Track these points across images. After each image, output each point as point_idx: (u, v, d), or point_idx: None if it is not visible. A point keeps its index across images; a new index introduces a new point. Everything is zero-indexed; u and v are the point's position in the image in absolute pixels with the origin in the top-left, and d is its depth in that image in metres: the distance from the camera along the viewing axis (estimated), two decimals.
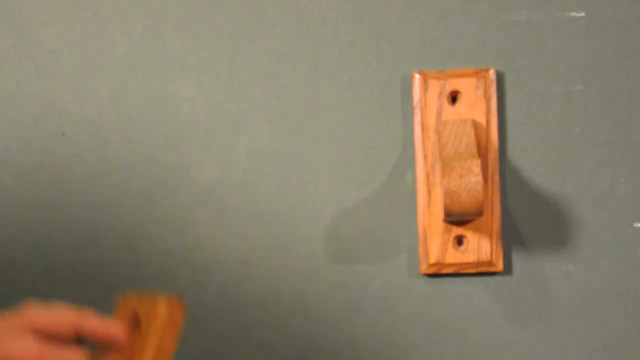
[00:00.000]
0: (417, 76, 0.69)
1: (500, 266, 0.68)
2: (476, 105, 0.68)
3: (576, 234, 0.69)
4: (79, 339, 0.60)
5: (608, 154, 0.69)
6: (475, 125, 0.68)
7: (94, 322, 0.60)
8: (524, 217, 0.70)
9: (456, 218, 0.64)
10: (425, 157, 0.69)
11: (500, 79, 0.69)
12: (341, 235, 0.70)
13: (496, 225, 0.68)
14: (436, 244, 0.68)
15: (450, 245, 0.68)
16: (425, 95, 0.69)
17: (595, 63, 0.69)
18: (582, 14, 0.69)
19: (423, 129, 0.69)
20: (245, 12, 0.71)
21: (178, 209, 0.71)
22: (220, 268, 0.70)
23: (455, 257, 0.68)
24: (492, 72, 0.68)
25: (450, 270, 0.69)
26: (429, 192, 0.69)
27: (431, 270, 0.69)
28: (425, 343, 0.70)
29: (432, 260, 0.68)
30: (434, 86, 0.69)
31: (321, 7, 0.70)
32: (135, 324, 0.62)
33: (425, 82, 0.69)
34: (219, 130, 0.71)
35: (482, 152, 0.68)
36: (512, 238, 0.70)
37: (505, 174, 0.70)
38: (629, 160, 0.69)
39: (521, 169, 0.70)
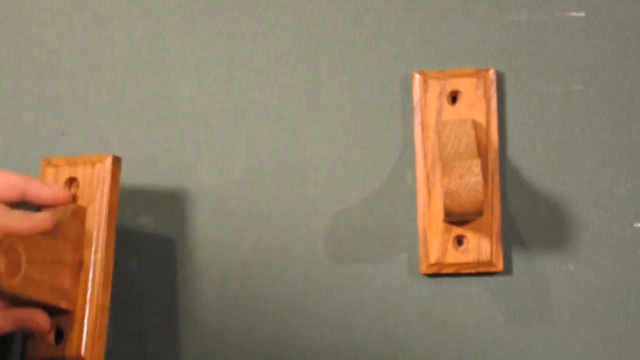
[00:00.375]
0: (417, 76, 0.69)
1: (500, 266, 0.68)
2: (476, 105, 0.68)
3: (576, 234, 0.69)
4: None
5: (608, 154, 0.69)
6: (475, 125, 0.68)
7: (38, 185, 0.62)
8: (524, 217, 0.70)
9: (456, 218, 0.64)
10: (425, 157, 0.69)
11: (500, 79, 0.69)
12: (341, 235, 0.70)
13: (496, 225, 0.68)
14: (436, 244, 0.68)
15: (450, 245, 0.68)
16: (425, 95, 0.69)
17: (595, 63, 0.69)
18: (582, 14, 0.69)
19: (423, 129, 0.69)
20: (245, 12, 0.71)
21: (178, 209, 0.71)
22: (220, 268, 0.70)
23: (455, 257, 0.68)
24: (492, 72, 0.69)
25: (450, 270, 0.69)
26: (429, 192, 0.69)
27: (431, 270, 0.69)
28: (425, 343, 0.70)
29: (432, 260, 0.68)
30: (434, 86, 0.69)
31: (321, 7, 0.70)
32: (71, 187, 0.65)
33: (425, 82, 0.69)
34: (219, 130, 0.71)
35: (482, 152, 0.68)
36: (512, 238, 0.70)
37: (505, 174, 0.70)
38: (629, 160, 0.69)
39: (521, 169, 0.70)
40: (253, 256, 0.70)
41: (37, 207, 0.65)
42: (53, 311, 0.63)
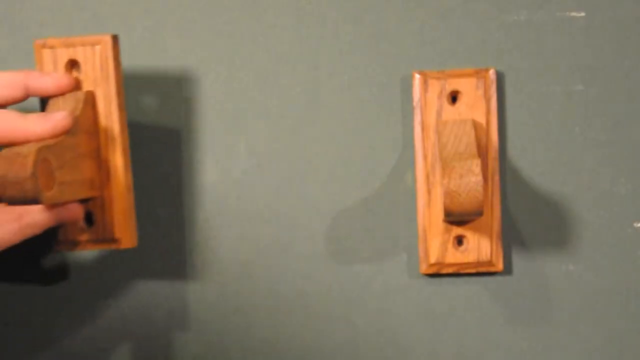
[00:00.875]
0: (417, 76, 0.69)
1: (500, 266, 0.68)
2: (476, 105, 0.68)
3: (576, 234, 0.69)
4: None
5: (608, 154, 0.69)
6: (475, 125, 0.68)
7: (39, 75, 0.62)
8: (524, 217, 0.70)
9: (456, 218, 0.64)
10: (425, 157, 0.69)
11: (500, 79, 0.69)
12: (341, 235, 0.70)
13: (496, 225, 0.68)
14: (436, 244, 0.68)
15: (450, 245, 0.68)
16: (425, 95, 0.69)
17: (595, 63, 0.69)
18: (582, 14, 0.69)
19: (423, 129, 0.69)
20: (245, 12, 0.71)
21: (178, 209, 0.71)
22: (220, 268, 0.70)
23: (455, 257, 0.68)
24: (492, 72, 0.68)
25: (450, 270, 0.69)
26: (429, 192, 0.69)
27: (431, 270, 0.69)
28: (425, 343, 0.70)
29: (432, 260, 0.68)
30: (434, 86, 0.69)
31: (321, 7, 0.70)
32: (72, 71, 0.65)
33: (425, 82, 0.69)
34: (219, 130, 0.71)
35: (482, 152, 0.68)
36: (512, 238, 0.70)
37: (505, 174, 0.70)
38: (629, 160, 0.69)
39: (521, 169, 0.70)
40: (253, 256, 0.70)
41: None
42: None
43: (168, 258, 0.71)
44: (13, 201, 0.57)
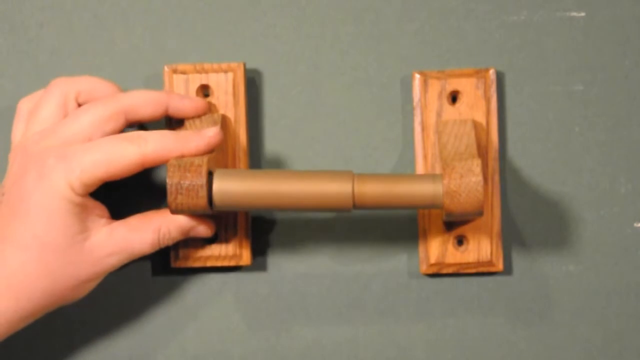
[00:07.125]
0: (417, 76, 0.69)
1: (500, 266, 0.68)
2: (476, 105, 0.68)
3: (576, 234, 0.69)
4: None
5: (608, 154, 0.69)
6: (475, 125, 0.68)
7: (179, 98, 0.65)
8: (524, 217, 0.70)
9: (456, 218, 0.64)
10: (425, 157, 0.69)
11: (500, 79, 0.69)
12: (341, 235, 0.70)
13: (496, 225, 0.68)
14: (436, 244, 0.68)
15: (450, 245, 0.68)
16: (425, 95, 0.69)
17: (595, 63, 0.69)
18: (582, 14, 0.69)
19: (423, 129, 0.69)
20: (245, 12, 0.71)
21: None
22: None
23: (455, 257, 0.68)
24: (492, 72, 0.68)
25: (450, 270, 0.69)
26: None
27: (431, 270, 0.69)
28: (425, 343, 0.70)
29: (432, 260, 0.68)
30: (434, 86, 0.69)
31: (321, 7, 0.70)
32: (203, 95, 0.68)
33: (425, 82, 0.69)
34: None
35: (482, 152, 0.68)
36: (512, 238, 0.70)
37: (505, 174, 0.70)
38: (629, 160, 0.69)
39: (521, 169, 0.70)
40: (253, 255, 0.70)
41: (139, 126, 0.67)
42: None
43: (169, 257, 0.71)
44: (180, 209, 0.59)
